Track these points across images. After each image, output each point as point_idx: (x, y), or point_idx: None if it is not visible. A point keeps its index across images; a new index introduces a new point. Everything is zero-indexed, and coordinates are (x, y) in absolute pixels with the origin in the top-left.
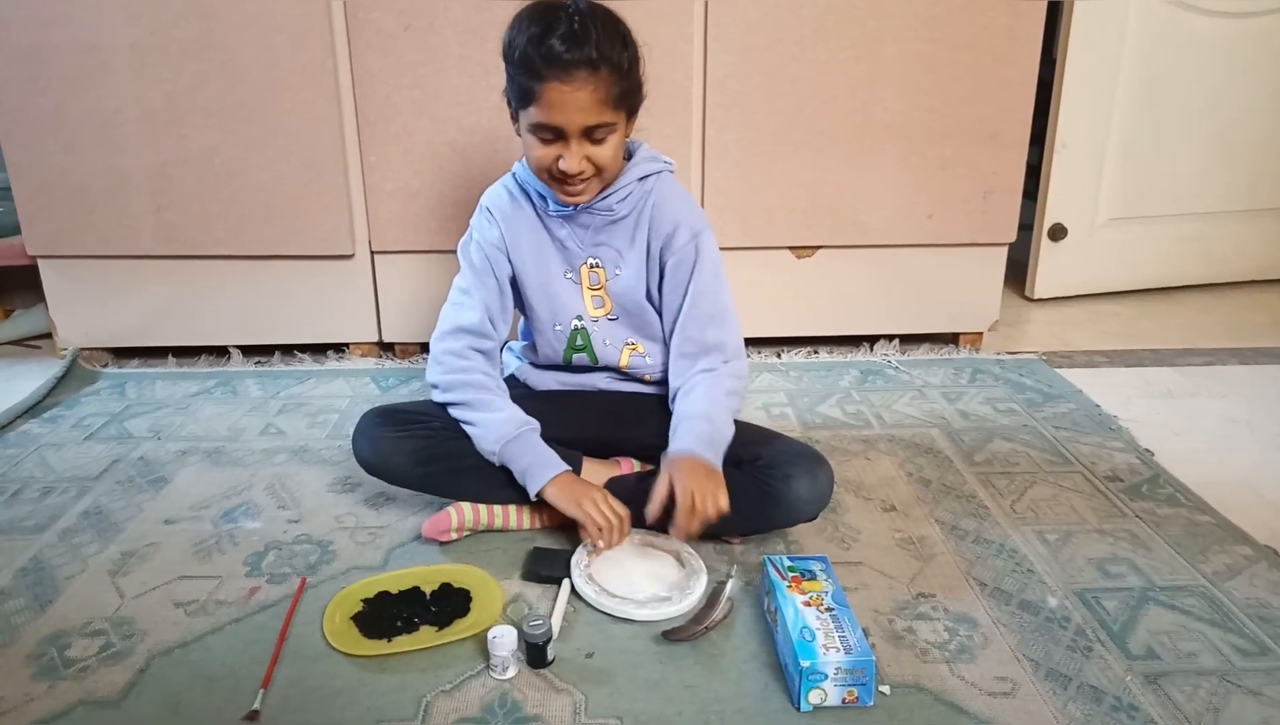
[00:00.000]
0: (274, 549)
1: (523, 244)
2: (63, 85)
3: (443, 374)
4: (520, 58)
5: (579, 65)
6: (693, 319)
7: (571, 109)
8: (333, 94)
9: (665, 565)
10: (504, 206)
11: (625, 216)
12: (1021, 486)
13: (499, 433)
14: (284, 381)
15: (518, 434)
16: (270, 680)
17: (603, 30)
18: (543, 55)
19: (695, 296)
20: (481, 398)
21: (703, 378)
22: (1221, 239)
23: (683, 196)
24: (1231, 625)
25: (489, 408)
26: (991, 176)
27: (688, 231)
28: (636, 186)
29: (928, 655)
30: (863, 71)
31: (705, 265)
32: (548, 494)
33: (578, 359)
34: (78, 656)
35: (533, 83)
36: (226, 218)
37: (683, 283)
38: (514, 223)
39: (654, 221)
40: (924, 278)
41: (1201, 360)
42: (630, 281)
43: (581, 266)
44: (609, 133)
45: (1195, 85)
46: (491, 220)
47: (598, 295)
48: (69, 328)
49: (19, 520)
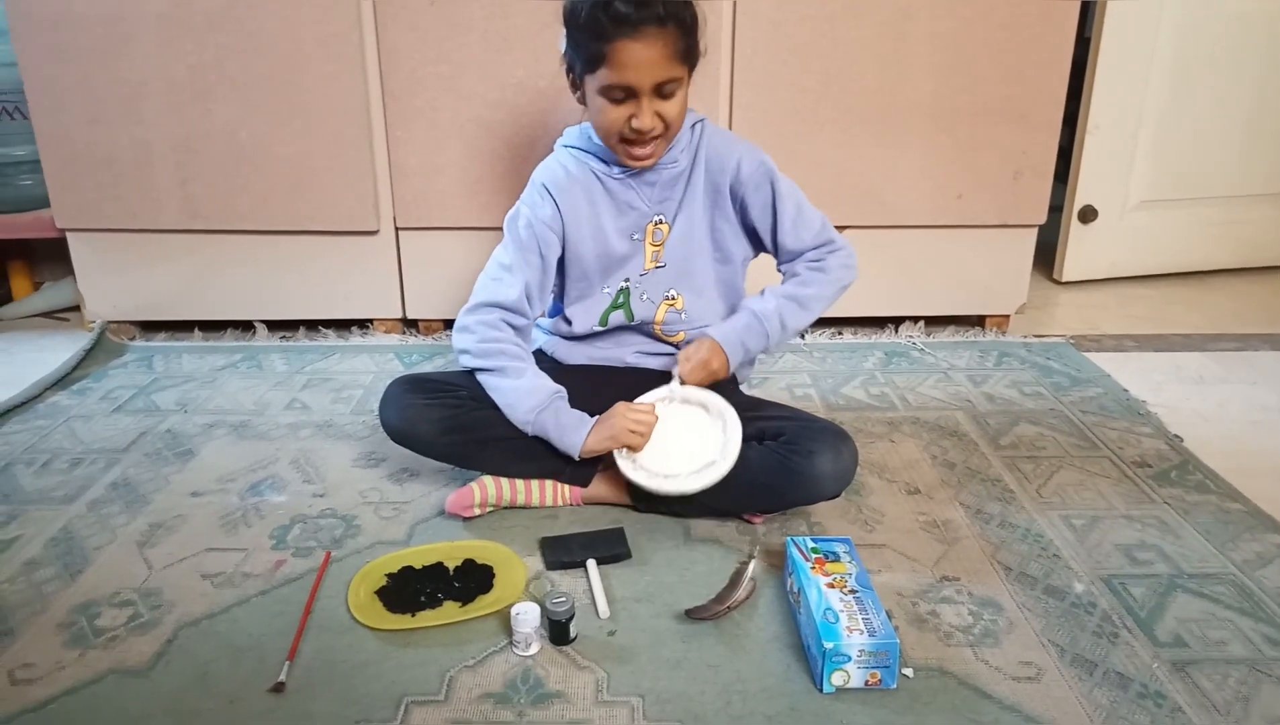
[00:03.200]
0: (299, 523)
1: (581, 218)
2: (88, 56)
3: (476, 342)
4: (587, 21)
5: (648, 21)
6: (788, 232)
7: (643, 66)
8: (358, 68)
9: (700, 425)
10: (561, 182)
11: (683, 167)
12: (1048, 471)
13: (532, 402)
14: (309, 357)
15: (549, 403)
16: (296, 653)
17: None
18: (610, 15)
19: (782, 213)
20: (515, 366)
21: (804, 268)
22: (1254, 223)
23: (727, 134)
24: (1262, 614)
25: (521, 375)
26: (1021, 157)
27: (752, 160)
28: (687, 135)
29: (951, 639)
30: (892, 49)
31: (781, 183)
32: (588, 448)
33: (614, 318)
34: (107, 626)
35: (601, 44)
36: (251, 192)
37: (768, 206)
38: (572, 197)
39: (712, 163)
40: (951, 259)
41: (1233, 346)
42: (683, 230)
43: (648, 225)
44: (677, 87)
45: (1230, 67)
46: (546, 197)
47: (657, 250)
48: (97, 300)
49: (49, 491)
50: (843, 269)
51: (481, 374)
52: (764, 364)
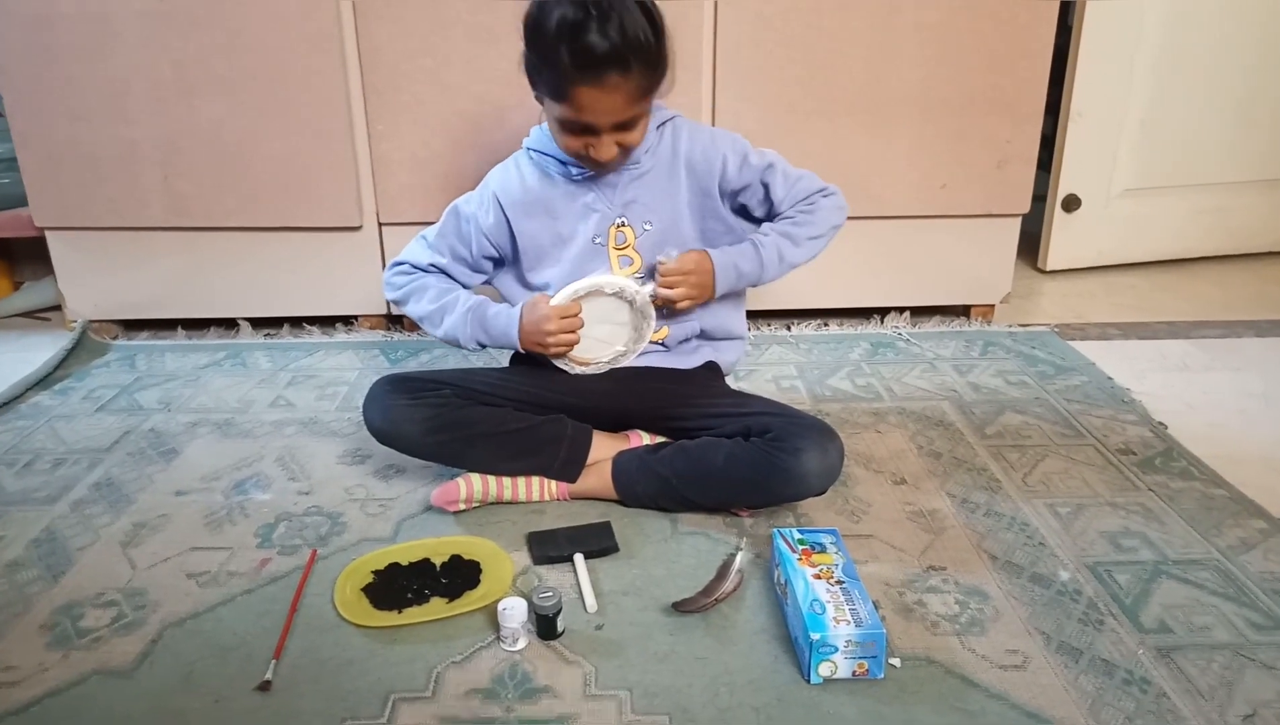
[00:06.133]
0: (284, 521)
1: (536, 226)
2: (71, 54)
3: (398, 289)
4: (546, 55)
5: (609, 68)
6: (784, 201)
7: (603, 111)
8: (339, 63)
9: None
10: (513, 190)
11: (651, 169)
12: (1033, 459)
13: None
14: (293, 354)
15: (470, 316)
16: (282, 651)
17: (631, 21)
18: (572, 58)
19: (773, 185)
20: (439, 287)
21: (795, 211)
22: (1239, 210)
23: (705, 129)
24: (1245, 599)
25: (443, 294)
26: (1005, 146)
27: (733, 153)
28: (654, 137)
29: (938, 628)
30: (877, 40)
31: (769, 172)
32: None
33: None
34: (91, 626)
35: (560, 82)
36: (235, 189)
37: (759, 189)
38: (526, 206)
39: (698, 167)
40: (936, 249)
41: (1217, 333)
42: (664, 233)
43: (610, 228)
44: (639, 119)
45: (1216, 53)
46: (494, 207)
47: (624, 254)
48: (78, 300)
49: (31, 491)
50: (834, 210)
51: (410, 304)
52: (750, 356)
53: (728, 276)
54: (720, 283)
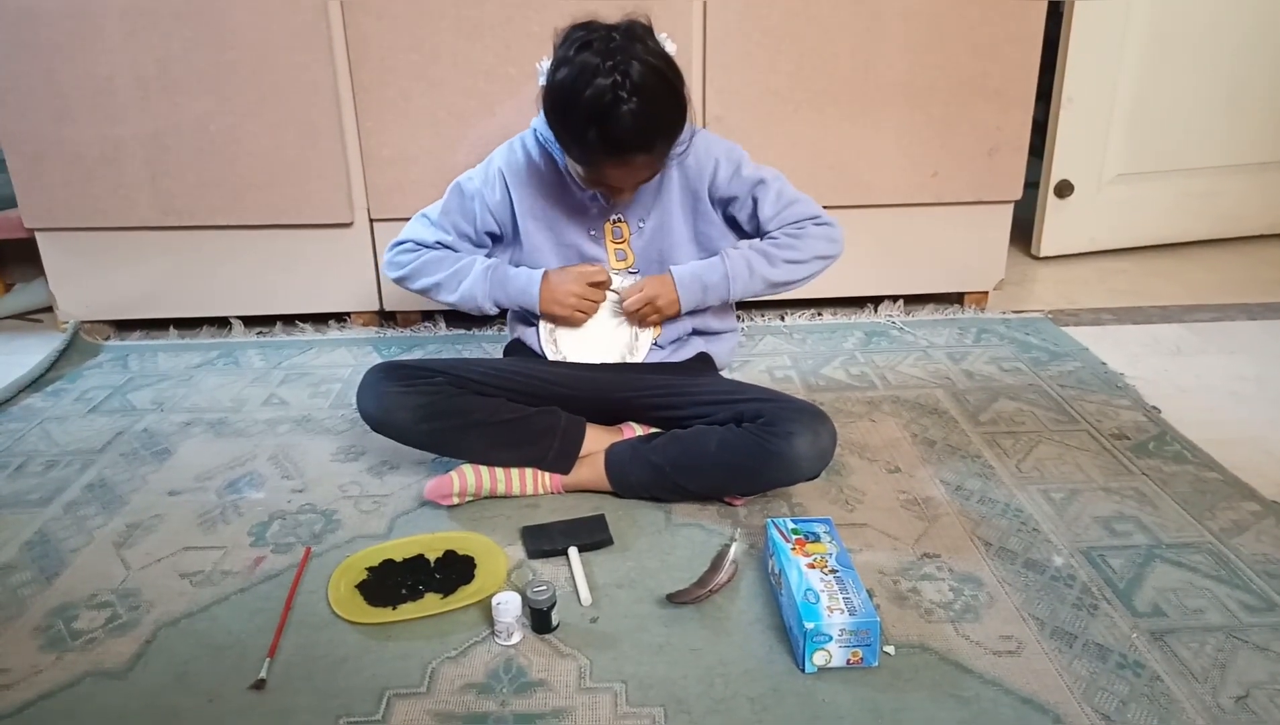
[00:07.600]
0: (278, 519)
1: (538, 208)
2: (54, 51)
3: (403, 267)
4: (573, 132)
5: (638, 152)
6: (772, 221)
7: (627, 178)
8: (327, 58)
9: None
10: (519, 170)
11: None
12: (1027, 446)
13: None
14: (286, 352)
15: (488, 276)
16: (276, 649)
17: (659, 104)
18: (601, 142)
19: (762, 202)
20: (449, 256)
21: (781, 233)
22: (1231, 194)
23: (704, 133)
24: (1238, 581)
25: (455, 261)
26: (996, 133)
27: (727, 161)
28: None
29: (933, 615)
30: (865, 28)
31: (760, 187)
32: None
33: None
34: (85, 628)
35: (587, 156)
36: (223, 186)
37: (748, 203)
38: (529, 188)
39: (690, 171)
40: (928, 237)
41: (1210, 317)
42: (654, 234)
43: (605, 224)
44: (658, 172)
45: (1205, 38)
46: (499, 183)
47: (620, 248)
48: (69, 301)
49: (24, 494)
50: (824, 241)
51: (418, 279)
52: (744, 347)
53: (692, 292)
54: (685, 298)
